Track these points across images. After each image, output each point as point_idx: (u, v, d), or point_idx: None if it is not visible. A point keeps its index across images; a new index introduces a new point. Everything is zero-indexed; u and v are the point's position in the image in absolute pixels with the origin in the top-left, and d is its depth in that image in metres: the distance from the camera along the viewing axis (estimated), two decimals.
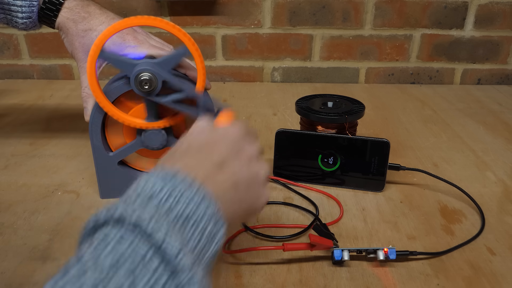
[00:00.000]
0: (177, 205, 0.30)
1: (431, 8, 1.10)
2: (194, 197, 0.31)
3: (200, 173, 0.33)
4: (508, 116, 0.96)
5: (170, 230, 0.28)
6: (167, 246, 0.26)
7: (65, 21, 0.58)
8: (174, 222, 0.29)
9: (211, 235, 0.31)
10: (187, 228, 0.29)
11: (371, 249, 0.51)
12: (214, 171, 0.35)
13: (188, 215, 0.30)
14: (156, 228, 0.27)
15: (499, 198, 0.65)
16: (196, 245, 0.30)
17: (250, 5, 1.09)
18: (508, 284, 0.49)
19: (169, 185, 0.31)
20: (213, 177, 0.34)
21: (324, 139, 0.65)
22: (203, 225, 0.30)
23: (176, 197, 0.30)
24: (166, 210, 0.29)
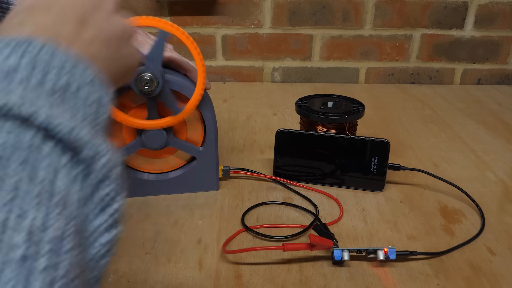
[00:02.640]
0: (47, 78, 0.25)
1: (431, 8, 1.10)
2: (65, 65, 0.26)
3: (61, 34, 0.28)
4: (508, 116, 0.96)
5: (50, 107, 0.23)
6: (55, 126, 0.22)
7: None
8: (51, 97, 0.24)
9: (99, 101, 0.27)
10: (70, 100, 0.25)
11: (371, 249, 0.51)
12: (77, 30, 0.29)
13: (65, 85, 0.25)
14: (32, 109, 0.22)
15: (499, 198, 0.65)
16: (86, 116, 0.26)
17: (250, 5, 1.09)
18: (508, 284, 0.49)
19: (27, 56, 0.24)
20: (77, 37, 0.28)
21: (324, 139, 0.65)
22: (86, 92, 0.26)
23: (43, 68, 0.25)
24: (36, 86, 0.24)
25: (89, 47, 0.29)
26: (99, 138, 0.25)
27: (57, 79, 0.25)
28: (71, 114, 0.24)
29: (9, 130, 0.22)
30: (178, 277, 0.49)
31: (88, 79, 0.27)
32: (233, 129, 0.88)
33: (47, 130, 0.22)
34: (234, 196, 0.64)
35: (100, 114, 0.27)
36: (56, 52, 0.26)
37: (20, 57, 0.24)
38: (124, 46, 0.33)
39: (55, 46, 0.26)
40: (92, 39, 0.30)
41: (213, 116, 0.61)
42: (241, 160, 0.75)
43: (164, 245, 0.54)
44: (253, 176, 0.69)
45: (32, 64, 0.24)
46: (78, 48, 0.28)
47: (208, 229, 0.57)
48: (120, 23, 0.33)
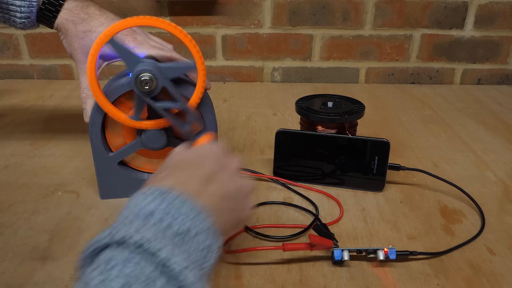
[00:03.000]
0: (175, 222, 0.31)
1: (431, 8, 1.10)
2: (190, 213, 0.32)
3: (191, 188, 0.34)
4: (508, 116, 0.96)
5: (172, 247, 0.28)
6: (172, 264, 0.27)
7: (65, 22, 0.58)
8: (174, 238, 0.30)
9: (209, 248, 0.32)
10: (187, 244, 0.30)
11: (371, 249, 0.51)
12: (204, 185, 0.36)
13: (186, 230, 0.31)
14: (159, 246, 0.27)
15: (499, 198, 0.65)
16: (196, 259, 0.31)
17: (250, 5, 1.09)
18: (508, 284, 0.49)
19: (165, 203, 0.31)
20: (204, 191, 0.35)
21: (324, 139, 0.65)
22: (201, 239, 0.32)
23: (174, 214, 0.31)
24: (165, 228, 0.30)
25: (211, 198, 0.36)
26: (203, 281, 0.29)
27: (182, 224, 0.31)
28: (186, 256, 0.29)
29: (137, 261, 0.27)
30: None
31: (206, 227, 0.32)
32: (233, 129, 0.88)
33: (164, 266, 0.27)
34: None
35: (208, 259, 0.32)
36: (185, 201, 0.32)
37: (158, 203, 0.31)
38: (240, 201, 0.40)
39: (186, 196, 0.33)
40: (214, 192, 0.37)
41: (213, 116, 0.61)
42: (241, 160, 0.74)
43: None
44: (253, 176, 0.69)
45: (166, 210, 0.31)
46: (203, 200, 0.34)
47: None
48: (240, 182, 0.40)
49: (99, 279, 0.26)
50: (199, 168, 0.38)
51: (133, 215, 0.31)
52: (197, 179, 0.36)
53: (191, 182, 0.36)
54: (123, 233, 0.28)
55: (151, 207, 0.31)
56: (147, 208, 0.31)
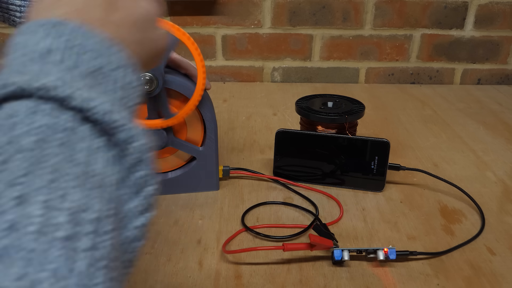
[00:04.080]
0: (81, 59, 0.25)
1: (431, 8, 1.10)
2: (98, 47, 0.26)
3: (93, 17, 0.28)
4: (508, 116, 0.96)
5: (86, 89, 0.23)
6: (92, 107, 0.23)
7: None
8: (84, 79, 0.25)
9: (129, 84, 0.27)
10: (101, 83, 0.25)
11: (371, 249, 0.51)
12: (107, 13, 0.29)
13: (98, 68, 0.25)
14: (69, 89, 0.22)
15: (499, 198, 0.65)
16: (117, 98, 0.26)
17: (250, 5, 1.09)
18: (508, 284, 0.49)
19: (63, 37, 0.25)
20: (108, 20, 0.29)
21: (324, 139, 0.65)
22: (118, 75, 0.27)
23: (78, 50, 0.25)
24: (70, 67, 0.24)
25: (119, 30, 0.29)
26: (132, 122, 0.25)
27: (91, 62, 0.25)
28: (106, 97, 0.24)
29: (47, 112, 0.22)
30: (178, 277, 0.49)
31: (121, 62, 0.27)
32: (233, 129, 0.88)
33: (83, 112, 0.22)
34: (234, 196, 0.64)
35: (132, 98, 0.27)
36: (90, 34, 0.26)
37: (54, 39, 0.25)
38: (151, 29, 0.33)
39: (88, 28, 0.26)
40: (121, 22, 0.30)
41: (213, 116, 0.61)
42: (241, 160, 0.75)
43: (164, 245, 0.54)
44: (253, 176, 0.69)
45: (66, 46, 0.25)
46: (109, 31, 0.28)
47: (208, 229, 0.57)
48: (147, 6, 0.33)
49: (3, 141, 0.21)
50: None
51: (25, 57, 0.24)
52: (96, 5, 0.29)
53: (89, 10, 0.28)
54: (18, 80, 0.22)
55: (45, 44, 0.24)
56: (40, 45, 0.24)
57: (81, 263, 0.19)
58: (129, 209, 0.25)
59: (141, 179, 0.25)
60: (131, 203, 0.25)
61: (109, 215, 0.22)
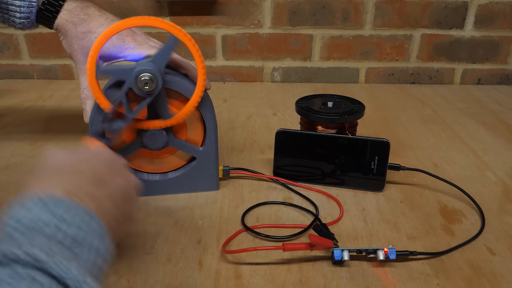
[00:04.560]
0: (68, 233, 0.30)
1: (431, 8, 1.10)
2: (83, 220, 0.32)
3: (80, 193, 0.34)
4: (508, 116, 0.96)
5: (69, 258, 0.29)
6: (67, 278, 0.27)
7: (64, 23, 0.58)
8: (71, 247, 0.30)
9: (102, 251, 0.33)
10: (82, 251, 0.31)
11: (371, 249, 0.51)
12: (92, 189, 0.36)
13: (81, 238, 0.31)
14: (52, 259, 0.27)
15: (499, 198, 0.65)
16: (92, 263, 0.31)
17: (250, 5, 1.09)
18: (508, 284, 0.49)
19: (57, 214, 0.31)
20: (92, 195, 0.35)
21: (324, 139, 0.65)
22: (95, 244, 0.32)
23: (67, 225, 0.31)
24: (59, 239, 0.30)
25: (99, 203, 0.35)
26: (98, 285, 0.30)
27: (76, 232, 0.31)
28: (82, 265, 0.29)
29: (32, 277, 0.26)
30: (178, 277, 0.49)
31: (100, 234, 0.33)
32: (233, 129, 0.88)
33: (61, 280, 0.27)
34: (234, 196, 0.64)
35: (103, 264, 0.33)
36: (77, 209, 0.32)
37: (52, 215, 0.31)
38: (128, 201, 0.40)
39: (77, 204, 0.32)
40: (102, 196, 0.36)
41: (213, 116, 0.61)
42: (241, 160, 0.75)
43: (164, 245, 0.54)
44: (253, 176, 0.69)
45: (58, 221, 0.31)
46: (92, 205, 0.34)
47: (208, 229, 0.57)
48: (127, 183, 0.41)
49: None
50: (86, 171, 0.37)
51: (22, 226, 0.30)
52: (84, 183, 0.36)
53: (79, 187, 0.35)
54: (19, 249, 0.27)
55: (40, 218, 0.30)
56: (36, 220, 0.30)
57: None
58: None
59: None
60: None
61: None
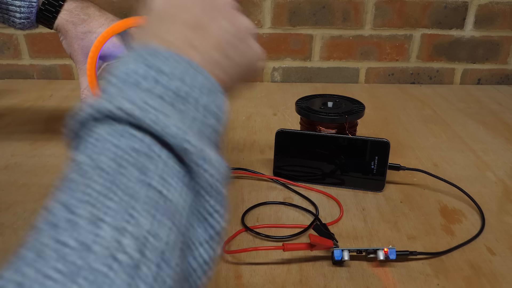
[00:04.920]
0: (168, 87, 0.27)
1: (431, 8, 1.10)
2: (185, 74, 0.28)
3: (179, 42, 0.30)
4: (508, 116, 0.96)
5: (172, 115, 0.25)
6: (171, 134, 0.24)
7: (64, 23, 0.58)
8: (174, 103, 0.26)
9: (213, 108, 0.29)
10: (187, 108, 0.27)
11: (371, 249, 0.51)
12: (193, 36, 0.30)
13: (185, 93, 0.27)
14: (151, 116, 0.24)
15: (499, 198, 0.65)
16: (201, 122, 0.27)
17: (250, 5, 1.09)
18: (508, 284, 0.49)
19: (155, 67, 0.27)
20: (193, 44, 0.30)
21: (324, 139, 0.65)
22: (203, 100, 0.28)
23: (167, 78, 0.27)
24: (158, 94, 0.26)
25: (208, 54, 0.30)
26: (211, 150, 0.26)
27: (177, 88, 0.27)
28: (185, 124, 0.26)
29: (129, 136, 0.24)
30: None
31: (208, 89, 0.28)
32: (233, 129, 0.88)
33: (161, 138, 0.24)
34: (234, 196, 0.64)
35: (217, 125, 0.29)
36: (178, 61, 0.28)
37: (148, 67, 0.27)
38: (243, 47, 0.34)
39: (178, 55, 0.28)
40: (211, 46, 0.31)
41: None
42: (241, 160, 0.75)
43: None
44: (253, 176, 0.69)
45: (157, 74, 0.27)
46: (199, 56, 0.30)
47: None
48: (238, 25, 0.34)
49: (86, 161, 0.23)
50: (185, 14, 0.31)
51: (122, 82, 0.26)
52: (184, 28, 0.30)
53: (178, 33, 0.30)
54: (111, 104, 0.24)
55: (139, 71, 0.27)
56: (134, 72, 0.27)
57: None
58: (194, 237, 0.25)
59: (210, 208, 0.25)
60: (197, 232, 0.25)
61: (175, 244, 0.23)
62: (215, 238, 0.25)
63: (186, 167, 0.25)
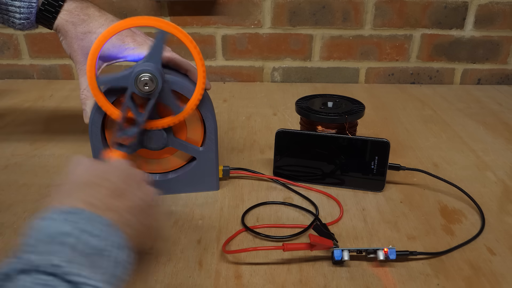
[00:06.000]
0: (91, 240, 0.32)
1: (431, 8, 1.10)
2: (103, 232, 0.33)
3: (100, 205, 0.35)
4: (508, 116, 0.96)
5: (89, 268, 0.30)
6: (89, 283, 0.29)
7: (64, 24, 0.58)
8: (91, 257, 0.31)
9: (121, 260, 0.34)
10: (104, 261, 0.32)
11: (371, 249, 0.51)
12: (112, 201, 0.37)
13: (101, 249, 0.32)
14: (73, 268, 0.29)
15: (499, 198, 0.65)
16: (113, 275, 0.33)
17: (250, 5, 1.09)
18: (508, 284, 0.49)
19: (78, 225, 0.32)
20: (112, 207, 0.36)
21: (324, 139, 0.65)
22: (114, 254, 0.33)
23: (87, 236, 0.32)
24: (82, 247, 0.31)
25: (122, 216, 0.37)
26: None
27: (98, 242, 0.32)
28: (101, 274, 0.31)
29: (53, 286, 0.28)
30: (178, 277, 0.49)
31: (120, 244, 0.34)
32: (233, 129, 0.88)
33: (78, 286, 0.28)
34: (234, 196, 0.64)
35: (122, 274, 0.34)
36: (98, 221, 0.33)
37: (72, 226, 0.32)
38: (148, 212, 0.41)
39: (98, 216, 0.34)
40: (122, 208, 0.37)
41: (213, 116, 0.61)
42: (241, 160, 0.75)
43: (164, 245, 0.54)
44: (253, 176, 0.69)
45: (79, 232, 0.32)
46: (116, 217, 0.35)
47: (208, 229, 0.57)
48: (146, 194, 0.41)
49: None
50: (105, 183, 0.38)
51: (46, 237, 0.31)
52: (105, 194, 0.37)
53: (99, 198, 0.36)
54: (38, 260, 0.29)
55: (62, 230, 0.32)
56: (58, 232, 0.31)
57: None
58: None
59: None
60: None
61: None
62: None
63: None
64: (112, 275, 0.32)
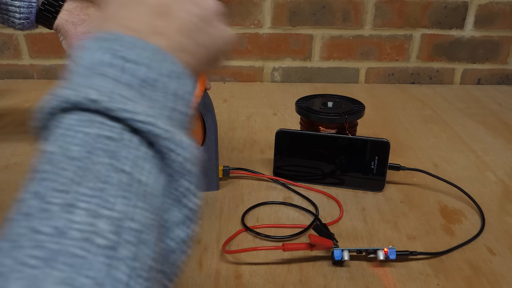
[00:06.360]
0: (135, 73, 0.26)
1: (431, 8, 1.10)
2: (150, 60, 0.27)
3: (144, 29, 0.29)
4: (508, 116, 0.96)
5: (140, 101, 0.25)
6: (139, 120, 0.24)
7: (64, 23, 0.58)
8: (140, 89, 0.26)
9: (182, 96, 0.28)
10: (156, 94, 0.27)
11: (371, 249, 0.51)
12: (158, 22, 0.29)
13: (153, 80, 0.27)
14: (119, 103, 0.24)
15: (499, 198, 0.65)
16: (171, 108, 0.27)
17: (250, 5, 1.09)
18: (508, 284, 0.49)
19: (120, 54, 0.26)
20: (159, 30, 0.29)
21: (324, 139, 0.65)
22: (172, 86, 0.28)
23: (132, 65, 0.26)
24: (128, 79, 0.26)
25: (174, 39, 0.30)
26: (179, 133, 0.26)
27: (144, 75, 0.26)
28: (153, 109, 0.26)
29: (98, 124, 0.24)
30: None
31: (176, 74, 0.28)
32: (233, 129, 0.88)
33: (130, 124, 0.24)
34: (234, 196, 0.64)
35: (183, 108, 0.29)
36: (143, 47, 0.27)
37: (113, 55, 0.26)
38: (210, 29, 0.32)
39: (144, 41, 0.27)
40: (177, 30, 0.30)
41: (213, 116, 0.61)
42: (241, 160, 0.75)
43: None
44: (253, 176, 0.69)
45: (123, 61, 0.26)
46: (165, 41, 0.29)
47: (208, 229, 0.57)
48: (205, 6, 0.32)
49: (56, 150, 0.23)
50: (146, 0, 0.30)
51: (88, 71, 0.26)
52: (147, 14, 0.29)
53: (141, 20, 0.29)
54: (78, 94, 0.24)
55: (104, 59, 0.26)
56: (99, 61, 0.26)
57: (121, 273, 0.20)
58: (170, 218, 0.25)
59: (183, 189, 0.26)
60: (172, 213, 0.25)
61: (152, 225, 0.23)
62: (191, 217, 0.26)
63: (158, 151, 0.25)
64: (172, 110, 0.27)
